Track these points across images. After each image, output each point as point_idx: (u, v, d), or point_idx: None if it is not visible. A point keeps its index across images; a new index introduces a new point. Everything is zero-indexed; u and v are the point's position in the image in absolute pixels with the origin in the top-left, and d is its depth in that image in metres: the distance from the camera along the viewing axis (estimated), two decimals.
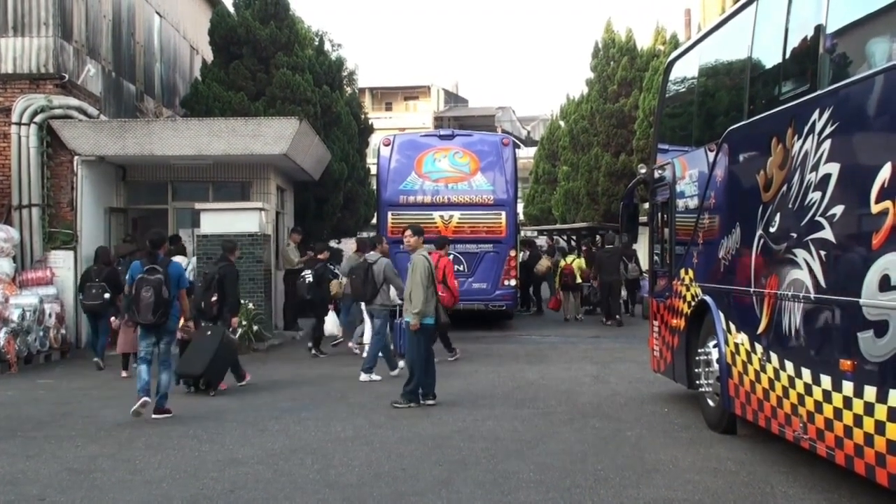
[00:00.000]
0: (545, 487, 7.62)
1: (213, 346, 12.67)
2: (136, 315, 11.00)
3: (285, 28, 24.29)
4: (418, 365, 11.56)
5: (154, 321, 10.87)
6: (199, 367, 12.58)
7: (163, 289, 10.82)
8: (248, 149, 18.78)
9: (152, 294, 10.77)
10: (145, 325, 10.99)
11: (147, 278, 10.85)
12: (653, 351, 12.32)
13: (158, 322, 10.92)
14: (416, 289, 11.45)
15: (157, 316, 10.84)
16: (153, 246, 11.33)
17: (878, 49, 6.66)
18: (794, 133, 7.67)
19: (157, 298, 10.78)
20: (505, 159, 21.40)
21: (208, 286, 13.31)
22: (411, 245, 11.97)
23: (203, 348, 12.72)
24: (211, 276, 13.41)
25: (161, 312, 10.86)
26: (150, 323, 10.90)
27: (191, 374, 12.67)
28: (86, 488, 7.79)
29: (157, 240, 11.47)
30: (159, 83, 24.83)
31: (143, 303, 10.80)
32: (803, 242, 7.43)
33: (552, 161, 42.43)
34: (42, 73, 18.39)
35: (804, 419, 7.46)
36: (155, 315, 10.82)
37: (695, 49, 11.43)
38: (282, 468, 8.40)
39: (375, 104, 71.58)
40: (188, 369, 12.66)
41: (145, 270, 10.96)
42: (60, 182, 18.58)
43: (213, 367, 12.62)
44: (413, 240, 11.95)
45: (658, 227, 12.56)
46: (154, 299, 10.77)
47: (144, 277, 10.88)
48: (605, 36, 33.21)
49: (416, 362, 11.56)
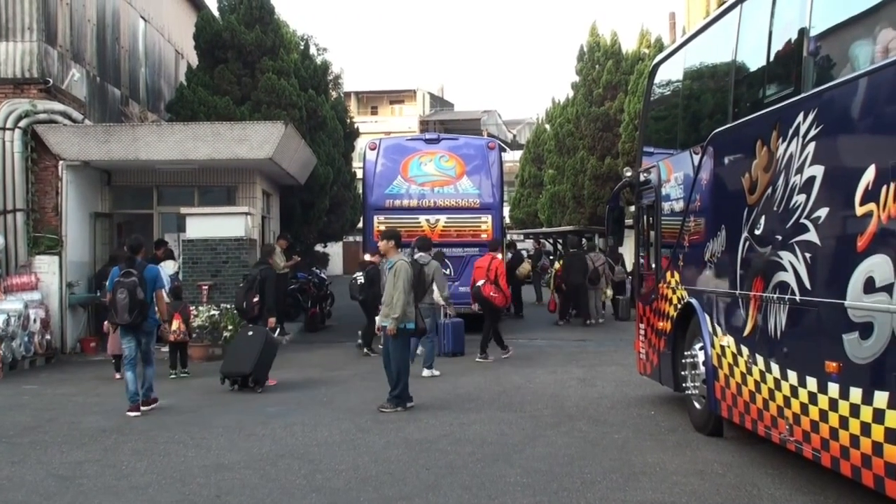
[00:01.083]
0: (532, 491, 7.62)
1: (258, 345, 13.28)
2: (114, 316, 11.55)
3: (270, 32, 24.26)
4: (403, 370, 11.58)
5: (130, 321, 11.35)
6: (247, 366, 13.15)
7: (137, 290, 11.32)
8: (233, 153, 18.75)
9: (127, 296, 11.28)
10: (123, 325, 11.47)
11: (122, 281, 11.36)
12: (639, 354, 12.33)
13: (135, 322, 11.40)
14: (400, 294, 11.43)
15: (132, 316, 11.32)
16: (132, 251, 11.89)
17: (862, 52, 6.69)
18: (778, 136, 7.70)
19: (132, 300, 11.29)
20: (491, 163, 21.41)
21: (249, 287, 14.28)
22: (384, 250, 12.20)
23: (248, 348, 13.32)
24: (252, 277, 14.41)
25: (137, 313, 11.34)
26: (127, 323, 11.39)
27: (239, 372, 13.22)
28: (71, 494, 7.76)
29: (136, 245, 12.04)
30: (144, 88, 24.76)
31: (120, 304, 11.32)
32: (788, 245, 7.45)
33: (538, 164, 42.53)
34: (26, 78, 18.31)
35: (790, 421, 7.48)
36: (131, 315, 11.32)
37: (679, 52, 11.46)
38: (269, 473, 8.38)
39: (361, 108, 71.52)
40: (235, 368, 13.26)
41: (121, 274, 11.48)
42: (45, 187, 18.51)
43: (259, 365, 13.22)
44: (383, 244, 12.13)
45: (644, 230, 12.58)
46: (129, 301, 11.28)
47: (120, 280, 11.39)
48: (590, 39, 33.30)
49: (401, 367, 11.58)
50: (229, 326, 17.02)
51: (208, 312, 17.11)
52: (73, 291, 18.46)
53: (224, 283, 17.99)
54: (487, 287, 16.72)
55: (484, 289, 16.75)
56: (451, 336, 17.32)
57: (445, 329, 17.18)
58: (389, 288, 11.62)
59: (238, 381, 13.30)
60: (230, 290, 17.86)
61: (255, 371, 13.17)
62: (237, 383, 13.31)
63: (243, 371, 13.19)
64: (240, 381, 13.28)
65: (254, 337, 13.48)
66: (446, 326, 17.22)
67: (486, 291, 16.73)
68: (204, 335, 17.13)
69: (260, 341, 13.34)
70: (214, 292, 17.88)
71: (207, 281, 17.94)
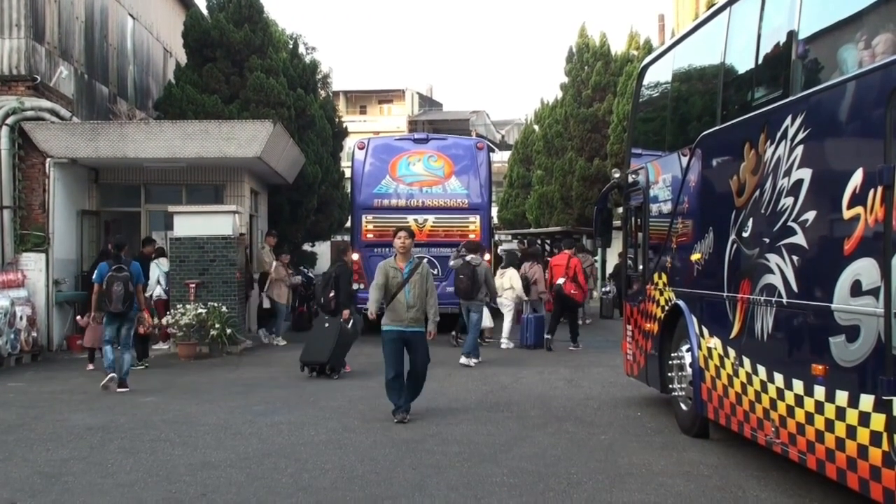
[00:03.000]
0: (518, 491, 7.63)
1: (334, 335, 14.47)
2: (108, 305, 13.19)
3: (259, 31, 24.20)
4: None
5: (122, 310, 13.23)
6: (324, 356, 14.36)
7: (129, 283, 13.24)
8: (221, 152, 18.71)
9: (122, 288, 13.14)
10: (115, 313, 13.21)
11: (116, 275, 13.19)
12: (626, 355, 12.35)
13: (126, 311, 13.28)
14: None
15: (124, 305, 13.22)
16: (117, 249, 13.82)
17: (850, 55, 6.72)
18: (766, 138, 7.72)
19: (126, 291, 13.19)
20: (479, 163, 21.44)
21: (326, 283, 15.33)
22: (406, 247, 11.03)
23: (325, 338, 14.55)
24: (329, 274, 15.51)
25: (128, 303, 13.27)
26: (119, 311, 13.22)
27: (317, 361, 14.44)
28: (57, 491, 7.73)
29: (121, 244, 14.02)
30: (132, 85, 24.67)
31: (115, 295, 13.13)
32: (776, 247, 7.48)
33: (526, 165, 42.47)
34: (14, 75, 18.25)
35: (776, 423, 7.50)
36: (123, 305, 13.21)
37: (668, 54, 11.47)
38: (255, 472, 8.36)
39: (350, 107, 71.44)
40: (314, 357, 14.50)
41: (114, 269, 13.24)
42: (32, 184, 18.46)
43: (335, 354, 14.42)
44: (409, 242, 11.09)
45: (632, 231, 12.60)
46: (123, 292, 13.16)
47: (114, 275, 13.18)
48: (579, 41, 33.28)
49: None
50: (216, 325, 16.99)
51: (195, 311, 17.07)
52: (60, 289, 18.41)
53: (211, 281, 17.96)
54: (568, 285, 18.17)
55: (565, 286, 18.16)
56: (534, 330, 18.60)
57: (528, 323, 18.74)
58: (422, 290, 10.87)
59: (316, 369, 14.45)
60: (217, 289, 17.85)
61: (331, 359, 14.32)
62: (315, 371, 14.46)
63: (321, 360, 14.36)
64: (317, 368, 14.44)
65: (330, 328, 14.64)
66: (529, 321, 18.77)
67: (567, 289, 18.17)
68: (191, 334, 17.10)
69: (335, 332, 14.47)
70: (202, 290, 17.84)
71: (195, 279, 17.90)
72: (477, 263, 16.55)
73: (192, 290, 17.80)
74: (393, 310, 10.75)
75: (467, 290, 16.66)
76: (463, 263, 16.96)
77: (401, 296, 10.71)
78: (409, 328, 10.73)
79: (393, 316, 10.75)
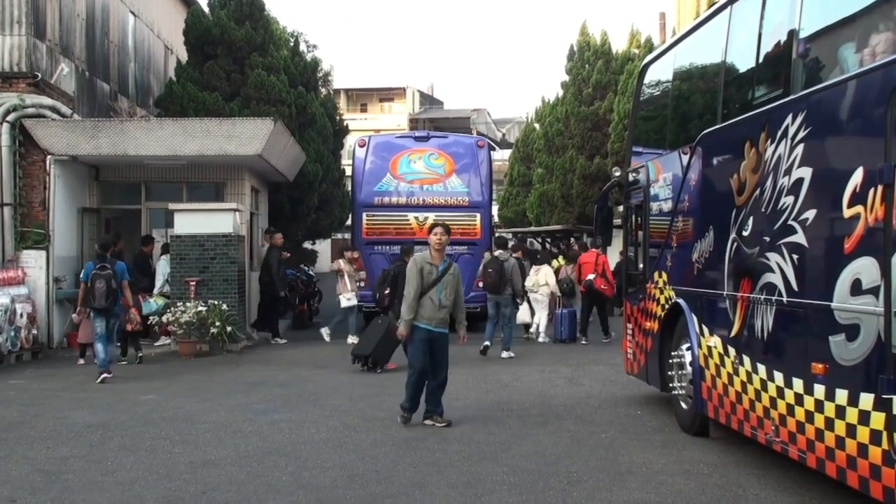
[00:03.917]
0: (519, 490, 7.63)
1: (381, 331, 14.91)
2: (92, 302, 13.97)
3: (260, 29, 24.21)
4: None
5: (106, 306, 13.98)
6: (368, 349, 14.90)
7: (112, 281, 14.02)
8: (222, 149, 18.68)
9: (104, 285, 13.95)
10: (99, 309, 13.94)
11: (100, 273, 14.00)
12: (626, 353, 12.35)
13: (109, 307, 14.04)
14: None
15: (107, 301, 13.98)
16: (103, 249, 14.62)
17: (851, 54, 6.72)
18: (767, 137, 7.72)
19: (108, 288, 13.98)
20: (480, 161, 21.44)
21: (384, 280, 15.64)
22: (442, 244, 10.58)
23: (374, 333, 15.14)
24: (387, 272, 15.80)
25: (112, 299, 14.04)
26: (103, 307, 13.96)
27: (362, 353, 14.95)
28: (57, 489, 7.74)
29: (106, 244, 14.86)
30: (133, 83, 24.67)
31: (98, 292, 13.94)
32: (776, 246, 7.47)
33: (527, 163, 42.50)
34: (15, 72, 18.23)
35: (776, 422, 7.50)
36: (107, 301, 13.97)
37: (669, 53, 11.47)
38: (255, 470, 8.37)
39: (350, 105, 71.44)
40: (360, 350, 15.09)
41: (97, 267, 14.08)
42: (33, 182, 18.43)
43: (379, 349, 14.84)
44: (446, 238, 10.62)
45: (632, 230, 12.60)
46: (106, 289, 13.95)
47: (97, 273, 14.01)
48: (580, 39, 33.32)
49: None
50: (216, 323, 16.98)
51: (196, 308, 17.07)
52: (60, 286, 18.39)
53: (212, 279, 17.93)
54: (599, 280, 19.03)
55: (596, 282, 19.02)
56: (568, 324, 19.28)
57: (561, 318, 19.35)
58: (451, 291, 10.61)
59: (363, 362, 14.92)
60: (218, 287, 17.84)
61: (374, 354, 14.81)
62: (364, 364, 14.91)
63: (364, 353, 14.92)
64: (364, 361, 14.92)
65: (380, 325, 15.15)
66: (562, 315, 19.39)
67: (598, 284, 19.02)
68: (192, 331, 17.09)
69: (384, 328, 14.84)
70: (202, 288, 17.82)
71: (195, 277, 17.89)
72: (505, 259, 17.14)
73: (193, 288, 17.78)
74: (423, 306, 10.38)
75: (495, 283, 17.05)
76: (491, 258, 17.72)
77: (433, 294, 10.37)
78: (437, 328, 10.45)
79: (422, 312, 10.38)
